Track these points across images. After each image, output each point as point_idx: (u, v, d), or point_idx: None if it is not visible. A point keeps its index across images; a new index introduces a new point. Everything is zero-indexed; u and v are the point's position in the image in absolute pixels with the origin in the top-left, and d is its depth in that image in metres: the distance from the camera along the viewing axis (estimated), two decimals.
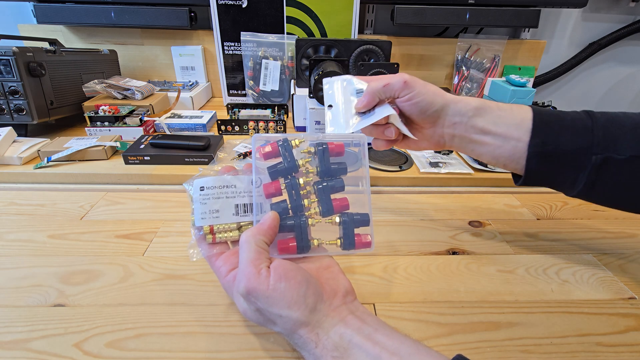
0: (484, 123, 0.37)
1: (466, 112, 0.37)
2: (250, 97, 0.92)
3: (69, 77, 0.73)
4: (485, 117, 0.37)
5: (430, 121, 0.39)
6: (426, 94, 0.38)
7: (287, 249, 0.31)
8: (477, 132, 0.37)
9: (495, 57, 0.98)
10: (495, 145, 0.37)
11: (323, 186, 0.32)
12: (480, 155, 0.39)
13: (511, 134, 0.36)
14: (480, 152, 0.39)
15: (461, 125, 0.38)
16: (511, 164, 0.37)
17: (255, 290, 0.26)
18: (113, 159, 0.62)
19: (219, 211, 0.32)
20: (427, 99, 0.38)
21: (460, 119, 0.38)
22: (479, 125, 0.37)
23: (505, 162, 0.37)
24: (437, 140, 0.41)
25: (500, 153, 0.37)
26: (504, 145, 0.36)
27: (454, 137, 0.39)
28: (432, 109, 0.38)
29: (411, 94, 0.38)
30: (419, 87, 0.38)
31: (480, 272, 0.39)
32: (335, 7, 0.86)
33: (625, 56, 1.12)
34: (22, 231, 0.45)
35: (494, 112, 0.37)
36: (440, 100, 0.38)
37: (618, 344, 0.31)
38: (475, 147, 0.38)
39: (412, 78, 0.39)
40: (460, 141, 0.39)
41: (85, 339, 0.30)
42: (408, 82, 0.38)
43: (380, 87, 0.39)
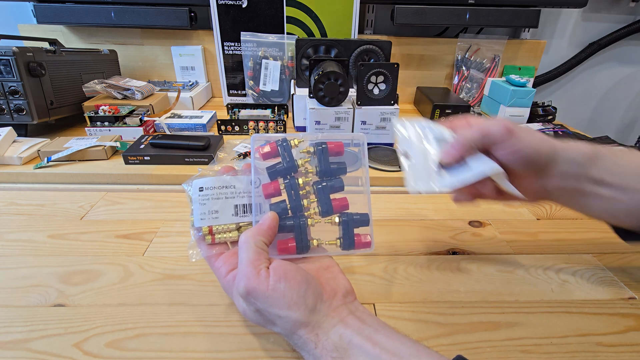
0: (599, 173, 0.32)
1: (580, 161, 0.32)
2: (250, 97, 0.92)
3: (69, 77, 0.73)
4: (599, 166, 0.32)
5: (537, 172, 0.33)
6: (533, 142, 0.32)
7: (286, 249, 0.31)
8: (592, 183, 0.32)
9: (495, 57, 0.98)
10: (613, 200, 0.32)
11: (322, 186, 0.32)
12: (594, 212, 0.34)
13: (629, 184, 0.31)
14: (595, 208, 0.33)
15: (573, 177, 0.33)
16: (628, 220, 0.33)
17: (255, 290, 0.26)
18: (113, 159, 0.62)
19: (218, 212, 0.32)
20: (536, 147, 0.32)
21: (573, 168, 0.32)
22: (596, 175, 0.32)
23: (624, 218, 0.33)
24: (538, 194, 0.35)
25: (618, 208, 0.32)
26: (622, 199, 0.32)
27: (563, 191, 0.34)
28: (542, 159, 0.32)
29: (517, 144, 0.32)
30: (524, 136, 0.32)
31: (480, 272, 0.39)
32: (335, 7, 0.86)
33: (625, 56, 1.12)
34: (22, 231, 0.45)
35: (609, 159, 0.32)
36: (548, 149, 0.33)
37: (618, 344, 0.31)
38: (589, 202, 0.33)
39: (514, 125, 0.33)
40: (570, 195, 0.34)
41: (85, 339, 0.30)
42: (512, 131, 0.32)
43: (477, 137, 0.33)
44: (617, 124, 1.25)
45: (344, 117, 0.65)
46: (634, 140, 1.22)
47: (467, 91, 1.00)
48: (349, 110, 0.65)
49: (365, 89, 0.65)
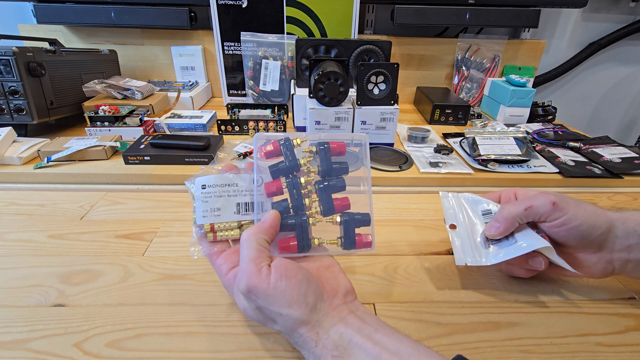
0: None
1: None
2: (250, 97, 0.92)
3: (69, 77, 0.73)
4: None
5: (594, 246, 0.32)
6: (584, 216, 0.31)
7: (287, 248, 0.31)
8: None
9: (495, 57, 0.98)
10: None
11: (324, 185, 0.32)
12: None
13: None
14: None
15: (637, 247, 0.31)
16: None
17: (256, 288, 0.26)
18: (113, 159, 0.62)
19: (220, 209, 0.32)
20: (587, 221, 0.31)
21: (636, 240, 0.31)
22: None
23: None
24: (603, 268, 0.33)
25: None
26: None
27: (627, 263, 0.32)
28: (596, 233, 0.31)
29: (564, 218, 0.32)
30: (572, 209, 0.32)
31: (480, 272, 0.39)
32: (335, 7, 0.86)
33: (625, 56, 1.12)
34: (22, 231, 0.45)
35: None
36: (604, 222, 0.31)
37: (618, 344, 0.31)
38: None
39: (561, 197, 0.32)
40: (636, 267, 0.32)
41: (85, 339, 0.30)
42: (558, 204, 0.32)
43: (521, 211, 0.33)
44: (617, 124, 1.25)
45: (344, 117, 0.65)
46: (634, 140, 1.22)
47: (467, 91, 1.00)
48: (349, 110, 0.65)
49: (365, 89, 0.65)
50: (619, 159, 0.64)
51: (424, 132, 0.71)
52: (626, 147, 0.68)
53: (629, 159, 0.64)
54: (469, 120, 0.85)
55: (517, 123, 0.83)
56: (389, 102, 0.66)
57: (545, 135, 0.77)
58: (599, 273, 0.34)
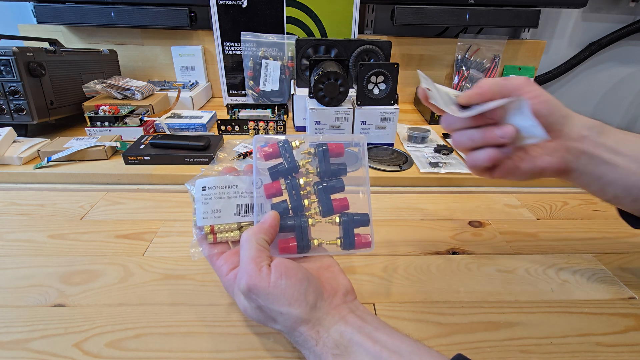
0: (613, 141, 0.32)
1: (593, 126, 0.33)
2: (250, 97, 0.92)
3: (69, 77, 0.73)
4: (612, 136, 0.32)
5: (555, 129, 0.33)
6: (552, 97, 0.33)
7: (287, 248, 0.31)
8: (609, 151, 0.32)
9: (495, 57, 0.98)
10: (630, 171, 0.32)
11: (323, 186, 0.32)
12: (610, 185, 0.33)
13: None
14: (612, 179, 0.33)
15: (590, 141, 0.33)
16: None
17: (256, 287, 0.26)
18: (113, 159, 0.62)
19: (220, 211, 0.32)
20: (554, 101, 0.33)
21: (588, 132, 0.33)
22: (609, 143, 0.32)
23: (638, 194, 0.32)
24: (561, 157, 0.34)
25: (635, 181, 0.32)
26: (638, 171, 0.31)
27: (582, 154, 0.33)
28: (560, 112, 0.33)
29: (536, 91, 0.33)
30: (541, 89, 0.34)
31: (480, 272, 0.39)
32: (335, 7, 0.86)
33: (625, 56, 1.12)
34: (22, 231, 0.45)
35: (619, 134, 0.33)
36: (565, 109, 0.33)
37: (618, 344, 0.31)
38: (605, 171, 0.33)
39: None
40: (588, 160, 0.33)
41: (85, 339, 0.30)
42: (530, 80, 0.33)
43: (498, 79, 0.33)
44: (617, 124, 1.24)
45: (344, 117, 0.65)
46: None
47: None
48: (349, 110, 0.65)
49: (365, 89, 0.65)
50: None
51: (424, 132, 0.71)
52: None
53: None
54: None
55: None
56: (389, 102, 0.66)
57: None
58: (558, 162, 0.34)
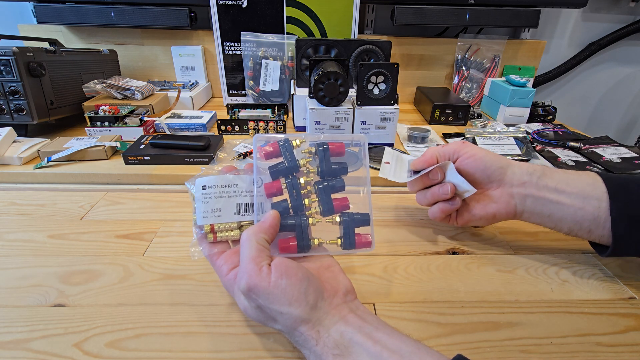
0: (555, 183, 0.35)
1: (533, 172, 0.36)
2: (250, 97, 0.92)
3: (69, 77, 0.73)
4: (553, 178, 0.35)
5: (495, 179, 0.38)
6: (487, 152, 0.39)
7: (287, 248, 0.31)
8: (552, 191, 0.35)
9: (495, 57, 0.98)
10: (576, 207, 0.34)
11: (324, 186, 0.32)
12: (561, 220, 0.36)
13: (589, 193, 0.33)
14: (561, 216, 0.35)
15: (531, 185, 0.36)
16: (597, 230, 0.34)
17: (257, 287, 0.26)
18: (113, 159, 0.62)
19: (220, 210, 0.32)
20: (489, 156, 0.38)
21: (529, 178, 0.36)
22: (551, 185, 0.35)
23: (590, 226, 0.34)
24: (506, 202, 0.38)
25: (582, 216, 0.34)
26: (585, 207, 0.33)
27: (525, 198, 0.37)
28: (496, 165, 0.38)
29: (472, 151, 0.39)
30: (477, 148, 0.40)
31: (480, 272, 0.39)
32: (335, 7, 0.86)
33: (625, 56, 1.12)
34: (22, 231, 0.45)
35: (561, 174, 0.36)
36: (503, 160, 0.38)
37: (618, 344, 0.31)
38: (555, 210, 0.35)
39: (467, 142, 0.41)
40: (533, 203, 0.37)
41: (85, 339, 0.30)
42: (466, 142, 0.40)
43: (439, 148, 0.41)
44: (617, 124, 1.25)
45: (344, 117, 0.65)
46: (634, 140, 1.22)
47: (467, 91, 1.00)
48: (349, 110, 0.65)
49: (365, 89, 0.65)
50: (619, 159, 0.64)
51: (424, 132, 0.71)
52: (626, 147, 0.68)
53: (629, 159, 0.64)
54: (469, 120, 0.85)
55: (517, 123, 0.83)
56: (389, 102, 0.66)
57: (545, 135, 0.77)
58: (505, 207, 0.38)
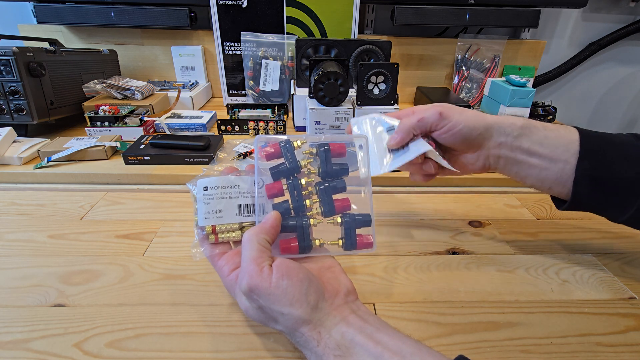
0: (530, 144, 0.36)
1: (511, 132, 0.36)
2: (250, 97, 0.92)
3: (69, 77, 0.73)
4: (530, 138, 0.36)
5: (475, 146, 0.38)
6: (466, 120, 0.37)
7: (289, 249, 0.31)
8: (523, 153, 0.36)
9: (495, 57, 0.98)
10: (542, 167, 0.36)
11: (325, 187, 0.32)
12: (526, 178, 0.37)
13: (558, 156, 0.35)
14: (526, 174, 0.37)
15: (506, 146, 0.37)
16: (557, 188, 0.36)
17: (258, 287, 0.26)
18: (113, 159, 0.62)
19: (222, 211, 0.32)
20: (468, 124, 0.36)
21: (505, 139, 0.37)
22: (525, 145, 0.36)
23: (551, 185, 0.36)
24: (482, 164, 0.39)
25: (546, 175, 0.36)
26: (550, 168, 0.35)
27: (499, 159, 0.38)
28: (475, 133, 0.37)
29: (449, 124, 0.37)
30: (456, 116, 0.37)
31: (480, 272, 0.39)
32: (335, 7, 0.86)
33: (625, 56, 1.12)
34: (22, 231, 0.45)
35: (540, 133, 0.36)
36: (482, 124, 0.37)
37: (618, 344, 0.31)
38: (521, 169, 0.37)
39: (447, 107, 0.37)
40: (505, 163, 0.38)
41: (85, 339, 0.30)
42: (443, 113, 0.37)
43: (414, 123, 0.37)
44: (617, 124, 1.25)
45: (344, 117, 0.65)
46: None
47: (467, 91, 1.00)
48: (349, 110, 0.65)
49: (365, 89, 0.65)
50: None
51: None
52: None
53: None
54: None
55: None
56: (389, 102, 0.66)
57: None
58: (479, 169, 0.39)
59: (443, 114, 0.37)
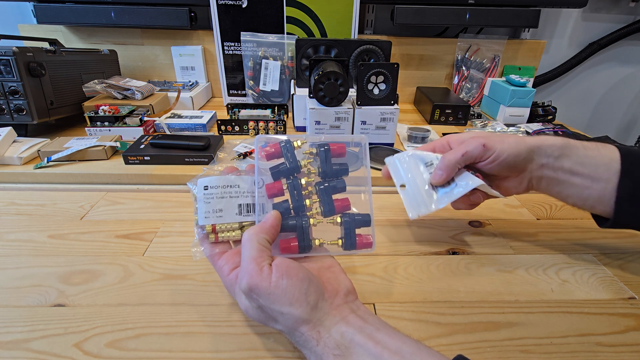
0: (571, 164, 0.36)
1: (552, 153, 0.37)
2: (250, 97, 0.92)
3: (69, 77, 0.73)
4: (571, 158, 0.36)
5: (518, 170, 0.38)
6: (509, 148, 0.37)
7: (289, 248, 0.31)
8: (565, 173, 0.37)
9: (495, 57, 0.98)
10: (584, 187, 0.36)
11: (325, 187, 0.32)
12: (568, 197, 0.38)
13: (600, 175, 0.35)
14: (568, 194, 0.38)
15: (548, 167, 0.37)
16: (599, 206, 0.36)
17: (257, 287, 0.26)
18: (113, 159, 0.62)
19: (222, 210, 0.32)
20: (512, 152, 0.37)
21: (547, 160, 0.37)
22: (566, 166, 0.36)
23: (594, 203, 0.37)
24: (525, 186, 0.40)
25: (588, 194, 0.36)
26: (592, 187, 0.36)
27: (541, 180, 0.38)
28: (519, 159, 0.37)
29: (494, 154, 0.37)
30: (498, 145, 0.37)
31: (480, 272, 0.39)
32: (335, 7, 0.86)
33: (625, 56, 1.12)
34: (22, 231, 0.45)
35: (580, 152, 0.36)
36: (524, 148, 0.37)
37: (618, 344, 0.31)
38: (563, 189, 0.38)
39: (488, 138, 0.38)
40: (547, 183, 0.38)
41: (85, 339, 0.30)
42: (487, 145, 0.37)
43: (459, 158, 0.37)
44: (617, 124, 1.25)
45: (344, 117, 0.65)
46: (634, 140, 1.22)
47: (467, 91, 1.00)
48: (349, 110, 0.65)
49: (365, 89, 0.65)
50: None
51: (424, 132, 0.71)
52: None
53: None
54: (469, 120, 0.85)
55: (517, 123, 0.83)
56: (389, 102, 0.66)
57: (545, 135, 0.77)
58: (522, 191, 0.40)
59: (486, 145, 0.37)
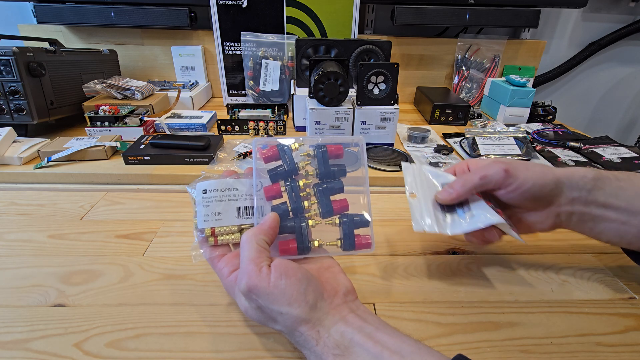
0: (605, 197, 0.33)
1: (584, 186, 0.33)
2: (250, 97, 0.92)
3: (69, 77, 0.73)
4: (604, 190, 0.33)
5: (543, 204, 0.35)
6: (534, 177, 0.33)
7: (288, 250, 0.31)
8: (599, 207, 0.33)
9: (495, 57, 0.98)
10: (620, 222, 0.33)
11: (323, 188, 0.32)
12: (601, 234, 0.34)
13: (637, 207, 0.32)
14: (602, 230, 0.34)
15: (580, 201, 0.34)
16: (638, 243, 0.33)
17: (257, 287, 0.26)
18: (113, 159, 0.62)
19: (221, 214, 0.32)
20: (537, 182, 0.33)
21: (578, 193, 0.33)
22: (600, 199, 0.33)
23: (632, 240, 0.33)
24: (552, 223, 0.35)
25: (626, 230, 0.33)
26: (630, 221, 0.32)
27: (572, 215, 0.34)
28: (545, 191, 0.34)
29: (516, 183, 0.34)
30: (522, 173, 0.34)
31: (480, 272, 0.39)
32: (335, 7, 0.86)
33: (625, 56, 1.12)
34: (22, 231, 0.45)
35: (613, 183, 0.33)
36: (551, 179, 0.33)
37: (618, 344, 0.31)
38: (596, 225, 0.34)
39: (511, 164, 0.34)
40: (579, 219, 0.34)
41: (85, 339, 0.30)
42: (510, 172, 0.34)
43: (477, 181, 0.34)
44: (617, 124, 1.25)
45: (344, 117, 0.65)
46: (634, 140, 1.22)
47: (467, 91, 1.00)
48: (349, 110, 0.65)
49: (365, 89, 0.65)
50: (619, 159, 0.64)
51: (424, 132, 0.71)
52: (626, 147, 0.68)
53: (629, 159, 0.64)
54: (469, 120, 0.85)
55: (517, 123, 0.83)
56: (389, 102, 0.66)
57: (545, 135, 0.77)
58: (548, 228, 0.36)
59: (509, 171, 0.34)
